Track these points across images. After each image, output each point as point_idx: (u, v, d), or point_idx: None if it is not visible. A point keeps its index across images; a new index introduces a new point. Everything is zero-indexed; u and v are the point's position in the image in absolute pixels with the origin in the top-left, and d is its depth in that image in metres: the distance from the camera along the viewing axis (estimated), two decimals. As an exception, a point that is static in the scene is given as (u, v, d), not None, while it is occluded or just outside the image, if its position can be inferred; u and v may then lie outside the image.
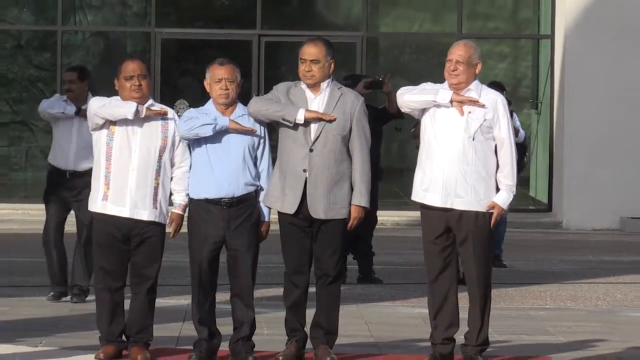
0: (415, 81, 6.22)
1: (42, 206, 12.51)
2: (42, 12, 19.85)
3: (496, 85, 8.86)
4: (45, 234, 10.58)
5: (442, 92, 6.33)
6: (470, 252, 6.33)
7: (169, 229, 6.52)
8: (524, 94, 16.37)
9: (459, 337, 6.28)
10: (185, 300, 8.02)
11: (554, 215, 17.82)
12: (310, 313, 6.37)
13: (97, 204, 6.59)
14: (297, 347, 6.46)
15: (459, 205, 6.26)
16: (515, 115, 11.29)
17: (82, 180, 8.55)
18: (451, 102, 6.24)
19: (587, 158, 16.64)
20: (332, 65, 6.59)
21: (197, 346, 6.42)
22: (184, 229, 6.56)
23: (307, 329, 6.48)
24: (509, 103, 9.16)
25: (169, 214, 6.60)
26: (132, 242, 6.52)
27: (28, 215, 14.59)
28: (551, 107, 18.24)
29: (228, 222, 6.51)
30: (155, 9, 18.70)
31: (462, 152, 6.30)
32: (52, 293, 9.89)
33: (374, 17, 19.75)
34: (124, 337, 6.46)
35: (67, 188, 9.90)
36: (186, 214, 6.62)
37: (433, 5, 19.62)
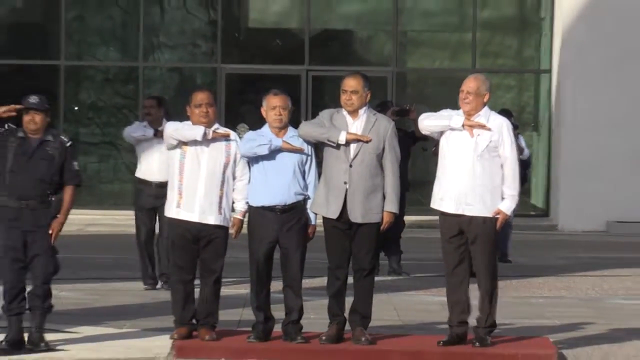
0: (436, 109, 6.29)
1: (127, 212, 12.58)
2: (126, 51, 19.88)
3: (505, 112, 8.86)
4: (137, 237, 10.66)
5: (455, 117, 6.48)
6: (479, 250, 6.46)
7: (232, 231, 6.57)
8: (527, 119, 16.07)
9: (472, 321, 6.33)
10: (244, 290, 7.78)
11: (551, 220, 17.71)
12: (348, 301, 6.43)
13: (172, 211, 6.70)
14: (338, 329, 6.50)
15: (469, 212, 6.39)
16: (520, 136, 11.29)
17: (165, 190, 8.70)
18: (463, 126, 6.37)
19: (578, 173, 16.55)
20: (369, 95, 6.64)
21: (255, 328, 6.45)
22: (244, 231, 6.62)
23: (346, 314, 6.52)
24: (516, 127, 9.21)
25: (232, 219, 6.65)
26: (201, 242, 6.55)
27: (115, 220, 14.57)
28: (549, 130, 18.22)
29: (281, 226, 6.51)
30: (221, 48, 18.73)
31: (471, 168, 6.43)
32: (145, 286, 10.00)
33: (403, 55, 19.62)
34: (194, 321, 6.52)
35: (153, 196, 9.96)
36: (246, 219, 6.67)
37: (452, 45, 19.43)
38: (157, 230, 10.55)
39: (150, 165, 10.53)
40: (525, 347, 6.83)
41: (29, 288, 6.49)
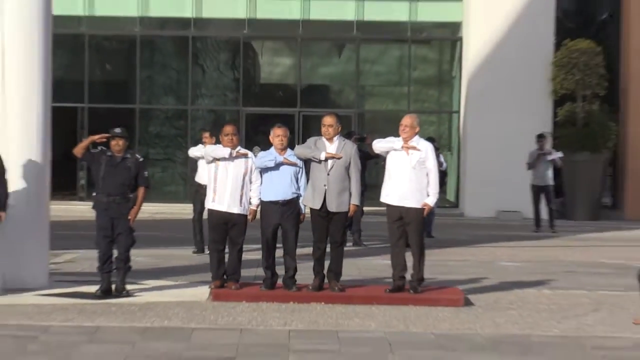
0: (384, 137, 6.36)
1: (180, 204, 13.03)
2: (179, 98, 19.42)
3: (430, 139, 8.52)
4: (193, 220, 10.34)
5: (397, 142, 6.56)
6: (413, 229, 6.56)
7: (249, 217, 6.65)
8: (444, 143, 15.35)
9: (408, 276, 6.52)
10: (258, 256, 7.32)
11: (459, 210, 16.89)
12: (327, 264, 6.60)
13: (209, 203, 6.81)
14: (319, 281, 6.61)
15: (406, 204, 6.47)
16: (440, 154, 10.78)
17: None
18: (402, 148, 6.46)
19: (478, 178, 15.90)
20: (340, 128, 6.77)
21: (265, 281, 6.54)
22: (257, 217, 6.72)
23: (325, 272, 6.63)
24: (437, 148, 8.98)
25: (249, 209, 6.75)
26: (228, 224, 6.65)
27: (172, 210, 14.18)
28: (458, 150, 17.58)
29: (282, 214, 6.61)
30: (242, 97, 18.37)
31: (407, 175, 6.56)
32: (194, 251, 9.75)
33: (362, 101, 19.27)
34: (225, 276, 6.66)
35: (205, 194, 9.30)
36: (258, 209, 6.73)
37: (394, 94, 18.72)
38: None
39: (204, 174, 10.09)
40: (443, 293, 6.88)
41: (115, 255, 6.44)
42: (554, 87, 14.78)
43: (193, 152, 9.87)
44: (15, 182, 6.04)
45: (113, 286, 6.34)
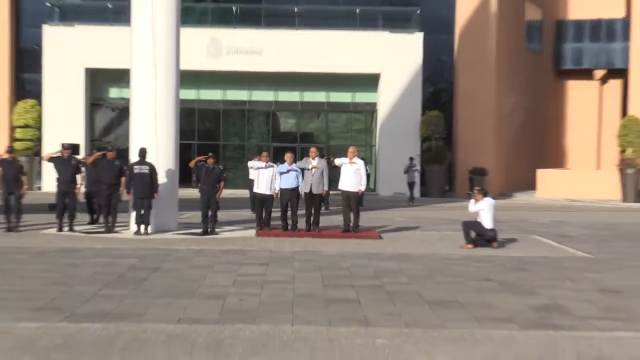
0: (341, 157, 10.95)
1: (242, 191, 15.98)
2: (240, 138, 23.78)
3: (362, 158, 11.71)
4: (250, 200, 12.48)
5: (345, 160, 10.01)
6: (354, 203, 9.99)
7: (275, 196, 9.98)
8: (369, 160, 20.11)
9: (352, 225, 9.95)
10: (279, 214, 10.21)
11: (376, 192, 20.74)
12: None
13: (255, 189, 10.20)
14: (308, 227, 10.01)
15: (350, 189, 9.90)
16: (367, 166, 12.96)
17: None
18: (349, 162, 9.95)
19: (385, 177, 21.08)
20: (318, 153, 10.39)
21: (282, 227, 10.00)
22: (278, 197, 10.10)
23: (311, 223, 10.21)
24: (366, 163, 12.02)
25: (274, 192, 10.03)
26: (265, 200, 10.00)
27: (237, 194, 16.14)
28: (375, 164, 21.70)
29: (290, 196, 9.87)
30: (271, 137, 23.22)
31: (350, 175, 9.96)
32: (252, 213, 11.79)
33: (328, 141, 23.58)
34: (262, 224, 10.00)
35: (252, 185, 11.30)
36: (279, 193, 10.06)
37: (344, 137, 23.74)
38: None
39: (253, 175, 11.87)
40: (367, 233, 10.22)
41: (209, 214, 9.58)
42: (421, 134, 21.24)
43: (249, 164, 11.64)
44: (162, 178, 9.45)
45: (208, 229, 9.63)
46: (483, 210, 8.98)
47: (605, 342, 4.20)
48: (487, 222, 8.89)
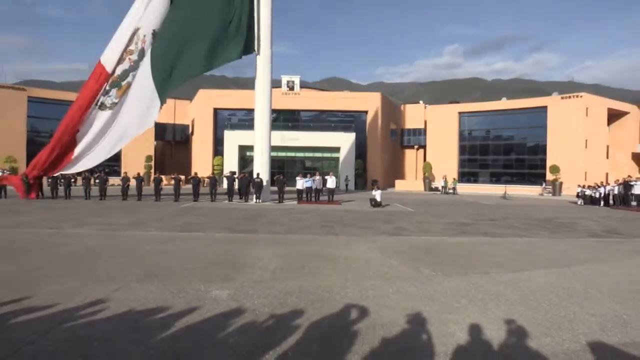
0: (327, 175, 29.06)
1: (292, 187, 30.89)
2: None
3: (334, 175, 29.87)
4: (297, 192, 27.30)
5: (328, 177, 26.76)
6: (332, 192, 26.68)
7: (305, 190, 27.00)
8: (337, 175, 43.18)
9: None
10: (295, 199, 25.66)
11: (338, 188, 35.32)
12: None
13: (299, 187, 27.29)
14: (312, 199, 26.11)
15: (330, 187, 26.41)
16: (337, 178, 33.28)
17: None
18: (330, 176, 27.40)
19: (342, 183, 37.79)
20: (318, 174, 27.06)
21: (298, 199, 26.92)
22: (302, 188, 27.54)
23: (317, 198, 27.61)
24: (336, 176, 29.14)
25: (305, 187, 26.59)
26: (301, 191, 26.79)
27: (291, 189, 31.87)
28: (338, 178, 45.01)
29: (308, 189, 26.52)
30: (302, 168, 35.97)
31: (330, 182, 26.92)
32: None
33: (320, 168, 45.53)
34: (300, 198, 26.72)
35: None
36: (304, 188, 26.69)
37: (326, 166, 46.15)
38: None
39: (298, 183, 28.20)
40: (336, 203, 25.54)
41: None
42: (355, 167, 45.47)
43: (297, 178, 27.27)
44: (264, 178, 26.02)
45: (281, 201, 25.73)
46: (377, 193, 26.07)
47: (418, 240, 17.15)
48: (379, 198, 25.85)
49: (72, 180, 28.89)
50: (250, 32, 25.71)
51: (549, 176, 46.69)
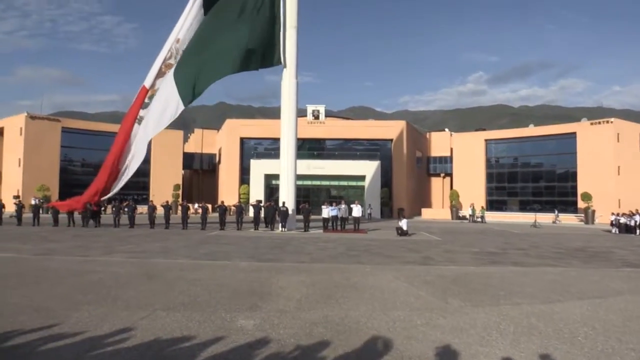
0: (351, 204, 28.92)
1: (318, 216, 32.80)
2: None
3: (359, 203, 30.51)
4: (322, 220, 30.00)
5: (353, 205, 27.42)
6: (357, 220, 27.14)
7: (330, 218, 28.14)
8: (362, 203, 44.69)
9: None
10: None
11: (364, 216, 34.42)
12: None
13: (324, 215, 28.39)
14: (340, 228, 26.20)
15: (355, 215, 26.74)
16: (362, 206, 34.30)
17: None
18: (355, 204, 27.86)
19: (365, 211, 38.80)
20: (343, 202, 27.51)
21: (325, 227, 27.39)
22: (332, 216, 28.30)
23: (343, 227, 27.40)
24: (362, 205, 29.33)
25: (330, 216, 27.71)
26: (326, 220, 28.18)
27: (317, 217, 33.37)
28: (364, 206, 45.24)
29: (334, 218, 27.29)
30: (327, 197, 36.83)
31: (356, 210, 27.17)
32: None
33: (345, 196, 47.16)
34: (326, 227, 27.10)
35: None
36: (331, 216, 27.41)
37: (352, 195, 46.92)
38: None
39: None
40: (362, 231, 25.71)
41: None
42: (381, 196, 46.53)
43: (322, 206, 27.61)
44: (290, 210, 26.20)
45: (307, 229, 25.65)
46: (403, 222, 25.88)
47: (445, 270, 14.17)
48: (405, 227, 25.53)
49: (102, 208, 29.48)
50: (276, 45, 26.19)
51: (581, 204, 45.57)
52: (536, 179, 52.65)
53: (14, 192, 46.12)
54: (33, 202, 34.01)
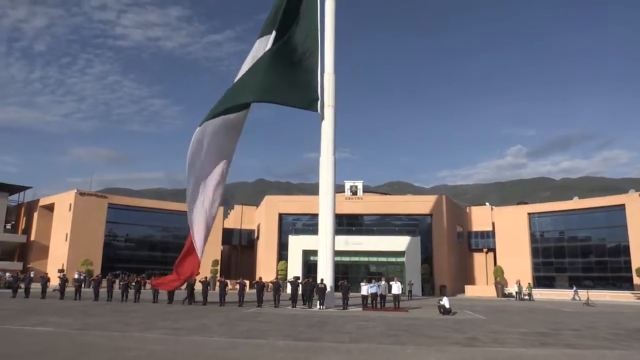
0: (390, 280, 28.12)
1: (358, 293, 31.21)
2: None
3: (398, 281, 30.06)
4: (362, 297, 26.68)
5: (393, 282, 26.43)
6: (398, 298, 25.88)
7: (370, 295, 26.88)
8: (402, 281, 44.65)
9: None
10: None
11: (413, 294, 33.75)
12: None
13: (364, 292, 26.84)
14: (381, 306, 25.43)
15: (395, 292, 25.72)
16: (402, 283, 34.60)
17: None
18: (395, 280, 26.16)
19: (406, 288, 35.05)
20: (383, 279, 27.34)
21: (367, 306, 26.18)
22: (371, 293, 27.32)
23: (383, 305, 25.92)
24: (401, 282, 28.83)
25: (370, 293, 26.49)
26: (365, 297, 25.97)
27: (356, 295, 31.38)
28: (405, 283, 45.19)
29: (374, 295, 25.67)
30: (366, 274, 38.13)
31: (396, 285, 25.83)
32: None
33: (385, 273, 46.12)
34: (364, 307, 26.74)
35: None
36: (370, 293, 26.64)
37: (390, 271, 47.70)
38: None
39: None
40: (404, 310, 24.28)
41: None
42: (422, 272, 46.05)
43: (361, 284, 26.36)
44: (328, 287, 25.93)
45: (346, 307, 24.71)
46: (445, 300, 24.82)
47: (493, 352, 15.40)
48: (447, 305, 24.34)
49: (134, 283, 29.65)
50: (315, 90, 26.70)
51: (637, 279, 42.96)
52: (585, 254, 50.37)
53: (60, 266, 47.23)
54: (76, 276, 34.52)
